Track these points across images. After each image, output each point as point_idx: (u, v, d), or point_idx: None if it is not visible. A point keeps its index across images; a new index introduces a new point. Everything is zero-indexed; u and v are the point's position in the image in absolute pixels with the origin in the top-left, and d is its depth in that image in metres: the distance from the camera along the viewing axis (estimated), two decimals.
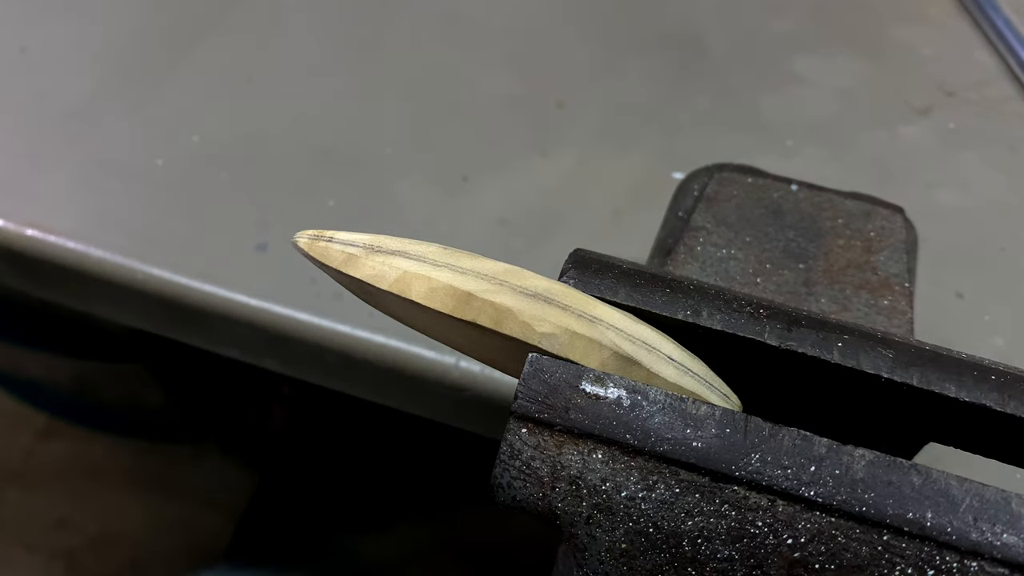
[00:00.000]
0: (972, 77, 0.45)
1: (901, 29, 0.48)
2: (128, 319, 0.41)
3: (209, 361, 0.44)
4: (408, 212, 0.39)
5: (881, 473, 0.17)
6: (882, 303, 0.24)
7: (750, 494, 0.18)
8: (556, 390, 0.19)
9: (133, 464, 1.03)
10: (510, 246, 0.38)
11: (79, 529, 1.01)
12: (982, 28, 0.48)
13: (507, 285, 0.20)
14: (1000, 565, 0.16)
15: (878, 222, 0.26)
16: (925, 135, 0.43)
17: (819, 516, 0.17)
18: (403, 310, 0.21)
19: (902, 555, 0.17)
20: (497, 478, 0.19)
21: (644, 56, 0.47)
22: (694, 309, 0.20)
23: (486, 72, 0.45)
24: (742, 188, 0.28)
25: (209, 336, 0.38)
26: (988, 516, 0.17)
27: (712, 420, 0.18)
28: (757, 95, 0.45)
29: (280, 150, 0.41)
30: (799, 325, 0.20)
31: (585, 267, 0.21)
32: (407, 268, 0.21)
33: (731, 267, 0.25)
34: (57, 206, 0.39)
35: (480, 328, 0.20)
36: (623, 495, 0.18)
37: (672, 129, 0.43)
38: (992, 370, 0.19)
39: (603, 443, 0.18)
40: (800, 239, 0.26)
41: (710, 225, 0.26)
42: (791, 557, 0.17)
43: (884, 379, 0.19)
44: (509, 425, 0.19)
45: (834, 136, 0.43)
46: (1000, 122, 0.43)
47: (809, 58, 0.47)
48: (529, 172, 0.41)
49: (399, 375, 0.34)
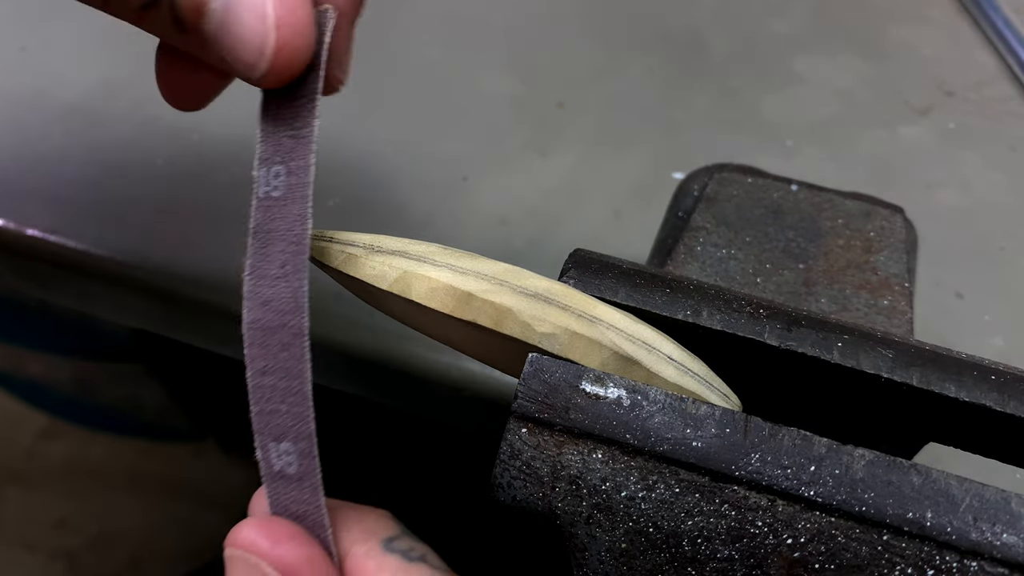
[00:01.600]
0: (972, 77, 0.45)
1: (901, 29, 0.48)
2: (128, 319, 0.41)
3: (209, 361, 0.44)
4: (408, 212, 0.39)
5: (881, 473, 0.17)
6: (882, 303, 0.24)
7: (750, 494, 0.18)
8: (556, 390, 0.19)
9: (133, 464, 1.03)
10: (510, 246, 0.38)
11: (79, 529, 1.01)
12: (982, 28, 0.48)
13: (507, 285, 0.20)
14: (1000, 565, 0.16)
15: (878, 222, 0.26)
16: (925, 135, 0.43)
17: (819, 516, 0.17)
18: (403, 310, 0.21)
19: (902, 555, 0.17)
20: (497, 478, 0.19)
21: (644, 56, 0.47)
22: (694, 309, 0.20)
23: (486, 72, 0.45)
24: (742, 188, 0.28)
25: (209, 336, 0.38)
26: (988, 516, 0.17)
27: (712, 420, 0.18)
28: (757, 95, 0.45)
29: None
30: (799, 325, 0.20)
31: (585, 267, 0.21)
32: (407, 268, 0.21)
33: (731, 267, 0.25)
34: (57, 206, 0.39)
35: (480, 328, 0.20)
36: (623, 495, 0.18)
37: (672, 129, 0.43)
38: (992, 370, 0.19)
39: (603, 443, 0.18)
40: (800, 239, 0.26)
41: (710, 225, 0.26)
42: (791, 557, 0.17)
43: (884, 379, 0.19)
44: (509, 425, 0.19)
45: (834, 136, 0.43)
46: (1000, 122, 0.43)
47: (809, 58, 0.47)
48: (529, 172, 0.41)
49: (399, 375, 0.34)
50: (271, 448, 0.21)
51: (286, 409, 0.21)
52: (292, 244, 0.20)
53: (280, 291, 0.21)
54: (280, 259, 0.21)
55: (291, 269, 0.20)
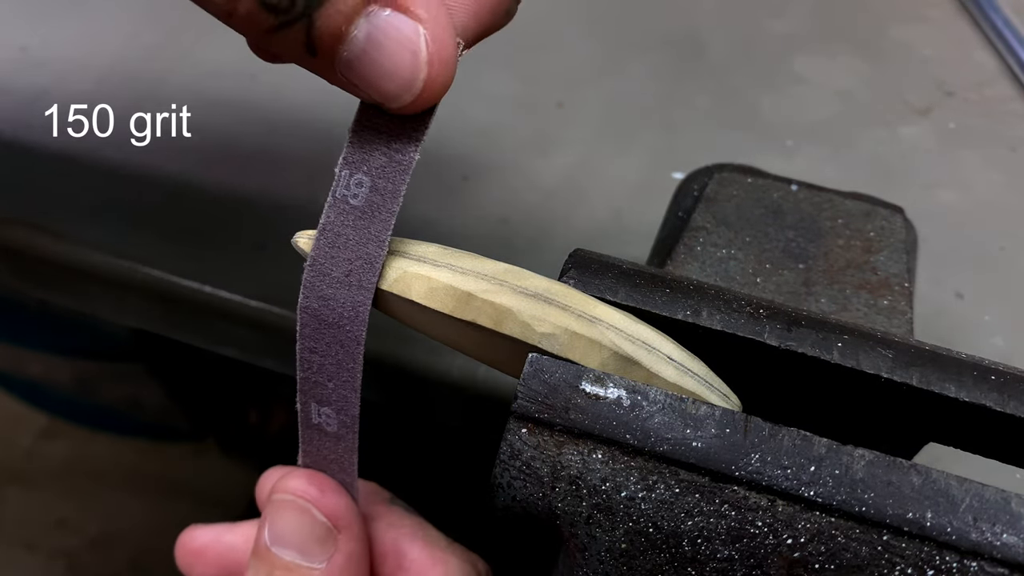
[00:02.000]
0: (972, 77, 0.45)
1: (901, 29, 0.48)
2: (128, 319, 0.41)
3: (209, 361, 0.44)
4: (408, 212, 0.39)
5: (881, 473, 0.17)
6: (882, 303, 0.24)
7: (750, 494, 0.18)
8: (556, 390, 0.19)
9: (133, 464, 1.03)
10: (510, 246, 0.38)
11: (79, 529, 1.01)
12: (982, 28, 0.48)
13: (507, 285, 0.20)
14: (1000, 565, 0.16)
15: (878, 222, 0.26)
16: (925, 135, 0.43)
17: (819, 516, 0.17)
18: (403, 310, 0.21)
19: (902, 555, 0.17)
20: (497, 478, 0.19)
21: (644, 56, 0.47)
22: (694, 309, 0.20)
23: (486, 72, 0.45)
24: (742, 188, 0.28)
25: (209, 336, 0.38)
26: (988, 516, 0.17)
27: (712, 420, 0.18)
28: (757, 95, 0.45)
29: (281, 149, 0.41)
30: (799, 325, 0.20)
31: (585, 267, 0.21)
32: (407, 268, 0.21)
33: (731, 267, 0.25)
34: (57, 206, 0.39)
35: (480, 328, 0.20)
36: (623, 495, 0.18)
37: (672, 129, 0.43)
38: (992, 370, 0.19)
39: (603, 443, 0.18)
40: (800, 239, 0.26)
41: (710, 225, 0.26)
42: (791, 557, 0.17)
43: (884, 379, 0.19)
44: (509, 425, 0.19)
45: (834, 136, 0.43)
46: (1000, 122, 0.43)
47: (809, 58, 0.47)
48: (529, 172, 0.41)
49: (399, 375, 0.34)
50: (311, 406, 0.22)
51: (333, 387, 0.22)
52: (362, 261, 0.20)
53: (341, 295, 0.21)
54: (346, 267, 0.20)
55: (355, 281, 0.20)
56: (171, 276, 0.36)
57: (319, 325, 0.21)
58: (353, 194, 0.20)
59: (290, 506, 0.24)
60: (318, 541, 0.24)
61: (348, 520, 0.24)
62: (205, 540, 0.29)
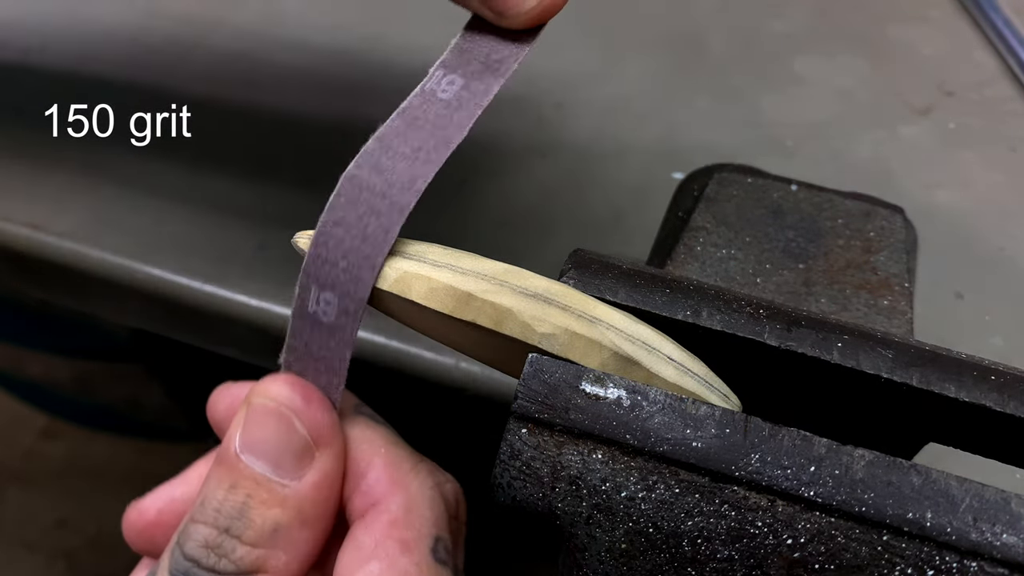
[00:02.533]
0: (972, 77, 0.45)
1: (901, 29, 0.48)
2: (128, 319, 0.41)
3: (209, 361, 0.44)
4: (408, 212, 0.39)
5: (881, 473, 0.17)
6: (882, 303, 0.24)
7: (750, 494, 0.18)
8: (556, 390, 0.19)
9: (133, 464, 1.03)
10: (510, 246, 0.38)
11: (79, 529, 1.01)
12: (982, 28, 0.48)
13: (507, 285, 0.20)
14: (1000, 565, 0.16)
15: (878, 222, 0.26)
16: (925, 135, 0.43)
17: (819, 516, 0.17)
18: (403, 310, 0.21)
19: (902, 555, 0.17)
20: (497, 478, 0.19)
21: (644, 56, 0.47)
22: (694, 309, 0.20)
23: None
24: (742, 188, 0.28)
25: (209, 336, 0.38)
26: (988, 516, 0.17)
27: (712, 420, 0.18)
28: (757, 95, 0.45)
29: (281, 150, 0.41)
30: (799, 325, 0.20)
31: (585, 267, 0.21)
32: (407, 268, 0.21)
33: (731, 267, 0.25)
34: (57, 206, 0.39)
35: (480, 328, 0.20)
36: (623, 495, 0.18)
37: (672, 129, 0.43)
38: (992, 370, 0.19)
39: (603, 443, 0.18)
40: (800, 239, 0.26)
41: (710, 225, 0.26)
42: (791, 557, 0.17)
43: (884, 379, 0.19)
44: (509, 425, 0.19)
45: (834, 136, 0.43)
46: (1000, 122, 0.43)
47: (809, 58, 0.47)
48: (529, 172, 0.41)
49: (399, 375, 0.34)
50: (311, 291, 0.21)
51: (345, 266, 0.21)
52: (437, 141, 0.21)
53: (401, 167, 0.21)
54: (417, 143, 0.21)
55: (424, 157, 0.21)
56: (171, 276, 0.36)
57: (360, 193, 0.21)
58: (443, 89, 0.22)
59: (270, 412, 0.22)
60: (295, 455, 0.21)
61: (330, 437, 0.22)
62: (158, 506, 0.26)
